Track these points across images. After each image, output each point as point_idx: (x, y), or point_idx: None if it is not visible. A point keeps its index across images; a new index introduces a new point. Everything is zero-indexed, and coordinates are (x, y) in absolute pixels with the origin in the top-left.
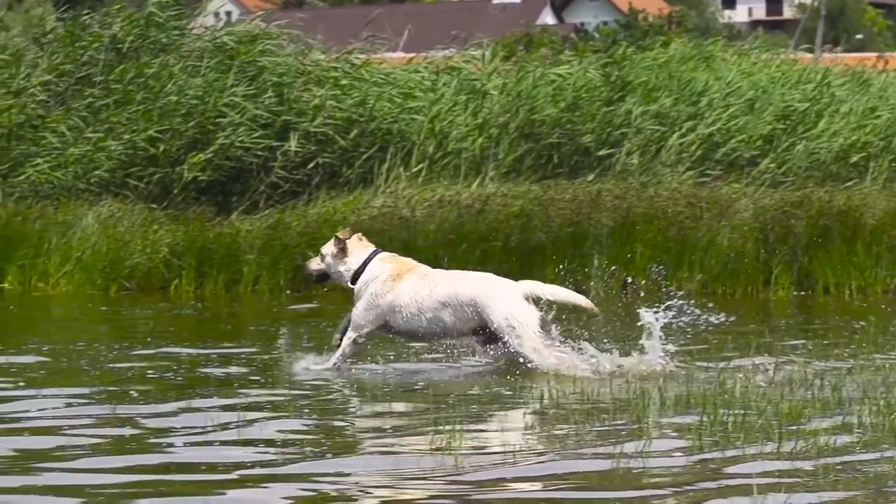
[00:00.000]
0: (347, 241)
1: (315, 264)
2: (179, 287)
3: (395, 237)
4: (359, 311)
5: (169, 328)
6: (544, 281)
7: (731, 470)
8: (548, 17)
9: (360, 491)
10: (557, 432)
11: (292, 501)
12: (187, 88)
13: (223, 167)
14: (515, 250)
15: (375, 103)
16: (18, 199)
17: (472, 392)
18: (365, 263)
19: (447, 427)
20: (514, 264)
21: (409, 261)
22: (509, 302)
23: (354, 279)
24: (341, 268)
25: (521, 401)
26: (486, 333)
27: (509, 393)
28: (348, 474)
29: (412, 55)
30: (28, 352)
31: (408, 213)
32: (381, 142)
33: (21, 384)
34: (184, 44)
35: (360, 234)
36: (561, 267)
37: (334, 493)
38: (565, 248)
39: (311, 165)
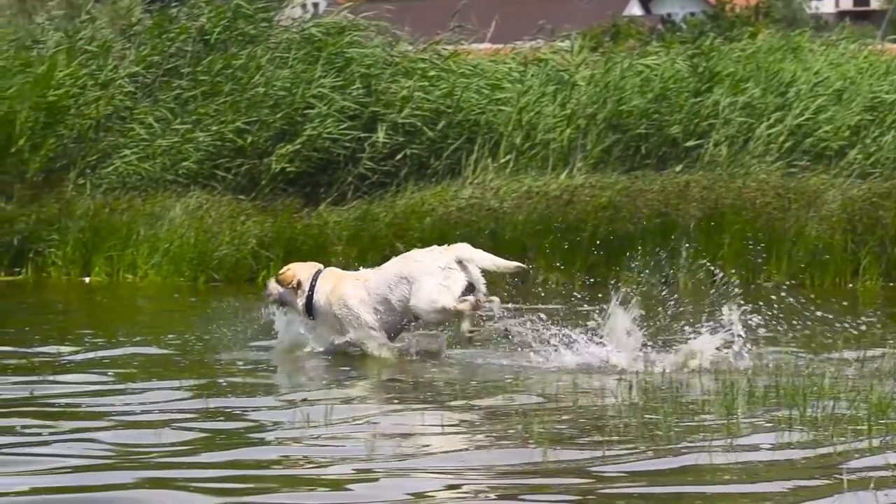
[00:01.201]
0: (298, 274)
1: (274, 290)
2: (267, 278)
3: (482, 228)
4: (358, 331)
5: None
6: (631, 273)
7: (820, 464)
8: (635, 8)
9: (465, 486)
10: (647, 424)
11: (406, 496)
12: (275, 80)
13: (311, 158)
14: (603, 242)
15: (463, 94)
16: (106, 191)
17: (559, 383)
18: (312, 289)
19: (536, 420)
20: (602, 256)
21: (337, 272)
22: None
23: (310, 309)
24: (296, 298)
25: (609, 391)
26: None
27: (598, 384)
28: (450, 470)
29: (499, 46)
30: (119, 344)
31: (496, 204)
32: (469, 133)
33: (116, 377)
34: (271, 35)
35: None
36: (648, 258)
37: (437, 490)
38: (653, 240)
39: (398, 157)
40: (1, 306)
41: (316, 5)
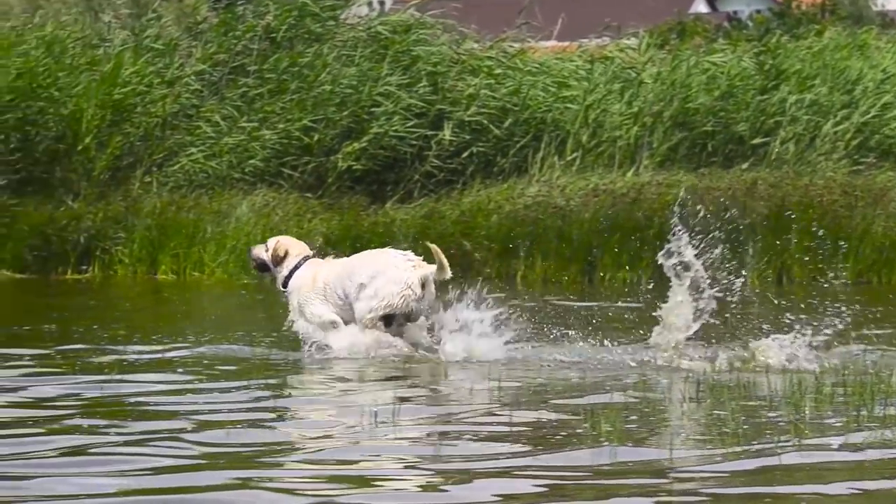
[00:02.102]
0: (288, 247)
1: (259, 254)
2: None
3: (549, 226)
4: (313, 314)
5: None
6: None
7: (890, 464)
8: (701, 6)
9: (548, 487)
10: (715, 423)
11: (496, 497)
12: (341, 78)
13: (377, 156)
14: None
15: (529, 92)
16: (173, 189)
17: (627, 381)
18: (295, 269)
19: (604, 419)
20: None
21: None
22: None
23: (285, 284)
24: (278, 270)
25: (676, 390)
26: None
27: (665, 381)
28: (528, 470)
29: (566, 44)
30: (187, 342)
31: (562, 202)
32: (536, 131)
33: (184, 376)
34: (337, 33)
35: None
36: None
37: (525, 491)
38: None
39: (465, 154)
40: (68, 305)
41: (382, 3)
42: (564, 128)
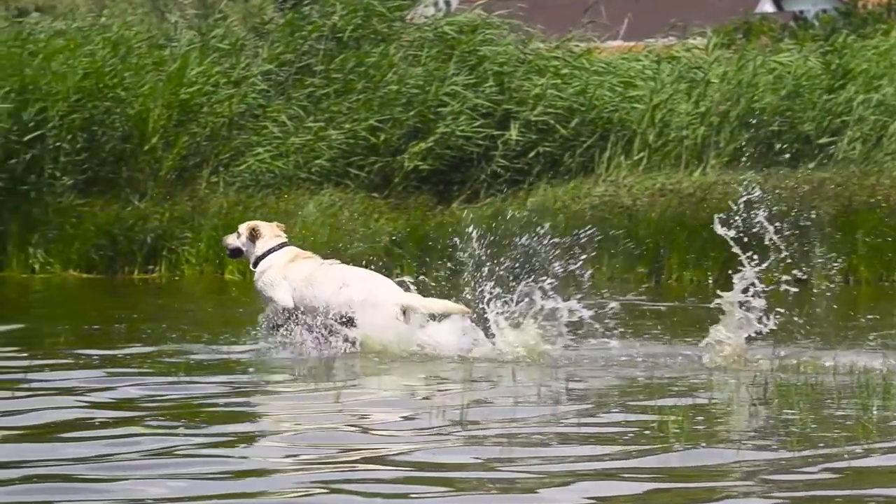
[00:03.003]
0: (262, 228)
1: (231, 242)
2: (401, 276)
3: (616, 226)
4: (276, 288)
5: None
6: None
7: None
8: (767, 5)
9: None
10: (783, 423)
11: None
12: (408, 78)
13: (444, 156)
14: (734, 239)
15: (596, 92)
16: (239, 189)
17: (696, 381)
18: (269, 252)
19: (672, 419)
20: (731, 253)
21: (309, 253)
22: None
23: (256, 263)
24: (251, 250)
25: (745, 389)
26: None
27: (733, 381)
28: (607, 472)
29: (632, 43)
30: (254, 344)
31: (629, 201)
32: (602, 130)
33: (251, 378)
34: (404, 33)
35: (278, 224)
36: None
37: (619, 494)
38: (787, 237)
39: (531, 154)
40: (136, 305)
41: (448, 3)
42: (631, 127)
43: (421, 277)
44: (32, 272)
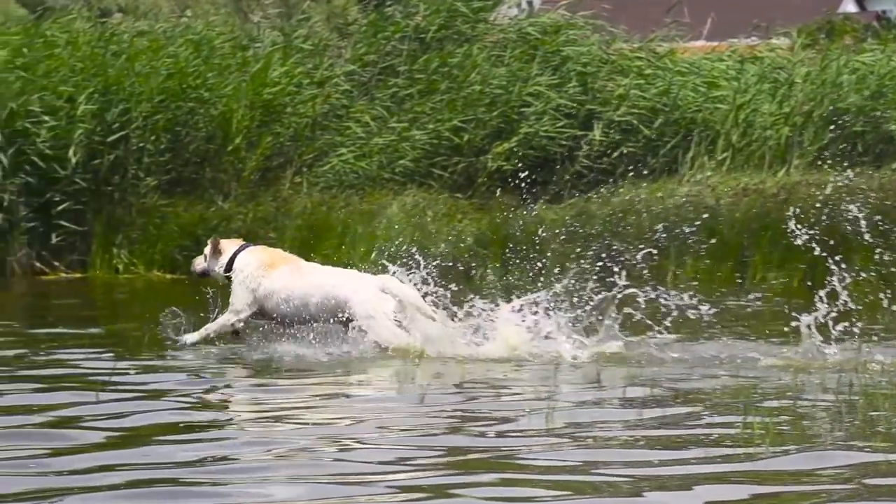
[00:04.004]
0: (221, 241)
1: (199, 264)
2: (484, 276)
3: (700, 226)
4: (236, 297)
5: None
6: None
7: None
8: (850, 5)
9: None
10: (868, 423)
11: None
12: (491, 78)
13: (527, 156)
14: (821, 240)
15: (679, 92)
16: (323, 189)
17: (781, 382)
18: (235, 255)
19: (757, 419)
20: (820, 254)
21: (283, 252)
22: (367, 294)
23: (228, 269)
24: (216, 266)
25: (830, 389)
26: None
27: (817, 382)
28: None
29: (715, 43)
30: (346, 345)
31: (712, 201)
32: (686, 131)
33: (335, 381)
34: (487, 34)
35: (236, 238)
36: (874, 255)
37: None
38: (873, 237)
39: (615, 154)
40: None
41: (530, 3)
42: (714, 127)
43: (504, 278)
44: (116, 273)
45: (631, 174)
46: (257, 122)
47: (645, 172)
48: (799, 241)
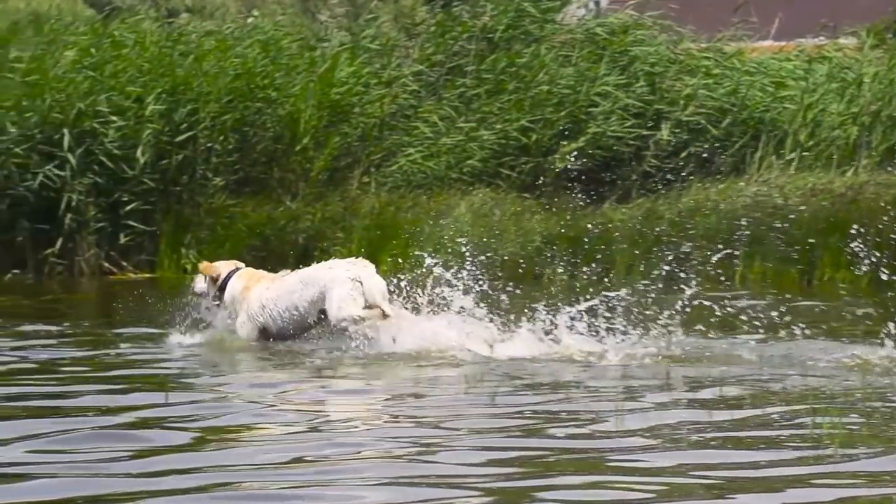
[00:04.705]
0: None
1: (200, 286)
2: (553, 276)
3: (768, 226)
4: (239, 325)
5: None
6: None
7: None
8: None
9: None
10: None
11: None
12: (559, 78)
13: (595, 156)
14: (889, 241)
15: (747, 92)
16: (391, 189)
17: (847, 382)
18: (225, 282)
19: (826, 420)
20: (889, 255)
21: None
22: (340, 272)
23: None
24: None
25: None
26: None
27: (886, 382)
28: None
29: (782, 43)
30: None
31: (780, 201)
32: (754, 131)
33: (437, 373)
34: (555, 34)
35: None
36: None
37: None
38: None
39: (683, 154)
40: None
41: (597, 4)
42: (782, 127)
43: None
44: (184, 273)
45: (699, 174)
46: (325, 122)
47: (713, 172)
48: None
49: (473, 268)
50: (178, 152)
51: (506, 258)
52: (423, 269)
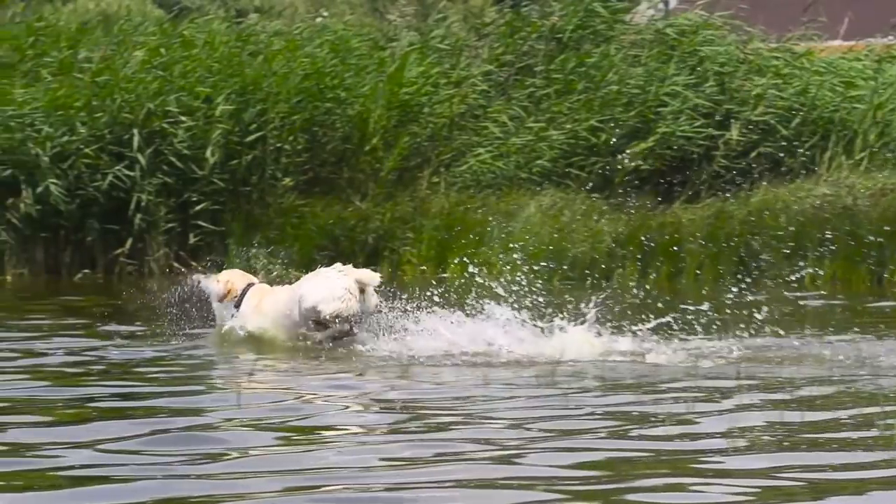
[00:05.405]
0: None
1: (213, 285)
2: (623, 277)
3: (837, 226)
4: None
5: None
6: None
7: None
8: None
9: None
10: None
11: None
12: (628, 78)
13: (664, 156)
14: None
15: (817, 92)
16: (460, 189)
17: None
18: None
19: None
20: None
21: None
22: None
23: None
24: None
25: None
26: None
27: None
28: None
29: (852, 43)
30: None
31: (850, 201)
32: (823, 131)
33: (475, 378)
34: (624, 34)
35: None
36: None
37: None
38: None
39: (752, 154)
40: None
41: (666, 3)
42: (852, 127)
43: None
44: (254, 273)
45: (768, 175)
46: (394, 122)
47: (782, 172)
48: None
49: (539, 269)
50: (247, 152)
51: (578, 256)
52: (499, 268)
